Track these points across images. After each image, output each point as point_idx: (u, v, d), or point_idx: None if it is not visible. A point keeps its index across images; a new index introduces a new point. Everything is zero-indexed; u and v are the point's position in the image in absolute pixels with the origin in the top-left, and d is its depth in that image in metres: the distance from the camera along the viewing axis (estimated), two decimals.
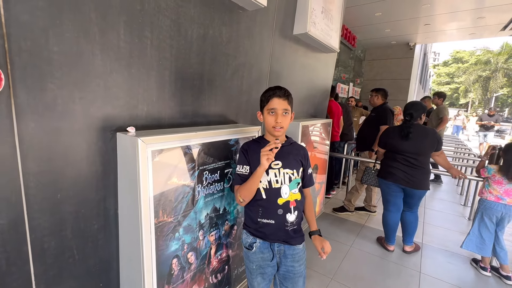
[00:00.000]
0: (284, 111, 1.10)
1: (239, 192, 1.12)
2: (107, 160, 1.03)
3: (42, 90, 0.82)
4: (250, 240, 1.18)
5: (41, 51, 0.80)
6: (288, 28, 2.00)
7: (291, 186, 1.13)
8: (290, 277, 1.18)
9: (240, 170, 1.15)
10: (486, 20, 5.09)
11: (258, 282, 1.21)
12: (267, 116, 1.12)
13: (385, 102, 3.05)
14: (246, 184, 1.09)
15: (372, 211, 3.26)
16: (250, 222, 1.19)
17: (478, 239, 2.14)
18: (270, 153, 1.00)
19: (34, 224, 0.86)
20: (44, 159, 0.86)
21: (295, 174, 1.14)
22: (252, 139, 1.25)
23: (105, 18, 0.93)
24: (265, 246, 1.16)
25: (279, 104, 1.09)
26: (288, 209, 1.13)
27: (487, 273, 2.15)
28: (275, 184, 1.12)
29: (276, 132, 1.11)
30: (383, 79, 7.67)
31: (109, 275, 1.13)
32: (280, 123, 1.09)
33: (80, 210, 0.99)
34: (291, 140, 1.22)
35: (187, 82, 1.30)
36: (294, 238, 1.16)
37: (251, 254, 1.18)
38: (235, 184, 1.17)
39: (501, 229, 2.09)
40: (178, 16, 1.18)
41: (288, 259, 1.17)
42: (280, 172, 1.12)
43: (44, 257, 0.90)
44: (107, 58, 0.96)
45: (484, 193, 2.14)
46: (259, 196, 1.13)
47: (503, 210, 2.03)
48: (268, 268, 1.19)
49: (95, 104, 0.96)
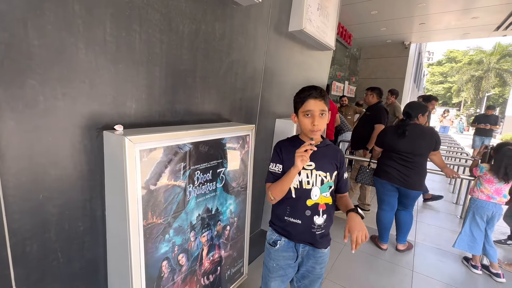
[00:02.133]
0: (321, 112, 1.05)
1: (270, 190, 1.10)
2: (93, 159, 0.99)
3: (22, 86, 0.77)
4: (274, 237, 1.16)
5: (20, 44, 0.75)
6: (283, 25, 1.96)
7: (322, 189, 1.10)
8: (309, 276, 1.17)
9: (273, 169, 1.13)
10: (479, 20, 5.13)
11: (275, 286, 1.18)
12: (303, 118, 1.07)
13: (380, 101, 3.05)
14: (278, 183, 1.08)
15: (366, 210, 3.27)
16: (276, 220, 1.17)
17: (470, 238, 2.16)
18: (305, 154, 0.97)
19: (14, 226, 0.82)
20: (25, 158, 0.81)
21: (327, 177, 1.10)
22: (287, 138, 1.21)
23: (90, 10, 0.88)
24: (289, 246, 1.15)
25: (316, 105, 1.04)
26: (316, 211, 1.10)
27: (477, 271, 2.17)
28: (306, 185, 1.09)
29: (314, 134, 1.07)
30: (378, 77, 7.70)
31: (97, 278, 1.09)
32: (318, 126, 1.04)
33: (65, 212, 0.94)
34: (327, 142, 1.17)
35: (178, 79, 1.25)
36: (320, 241, 1.13)
37: (273, 251, 1.16)
38: (267, 182, 1.15)
39: (490, 227, 2.12)
40: (168, 10, 1.13)
41: (311, 260, 1.15)
42: (313, 174, 1.09)
43: (25, 261, 0.86)
44: (93, 53, 0.91)
45: (475, 192, 2.16)
46: (288, 195, 1.10)
47: (494, 209, 2.06)
48: (289, 269, 1.16)
49: (79, 101, 0.91)
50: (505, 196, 2.06)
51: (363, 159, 2.96)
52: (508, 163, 1.96)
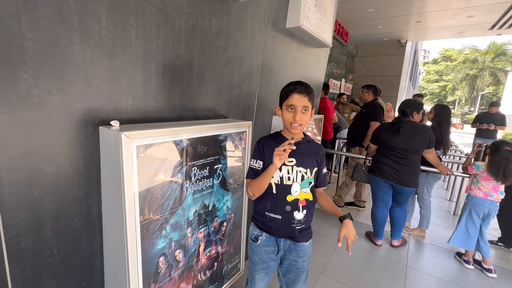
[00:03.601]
0: (304, 108, 1.06)
1: (249, 186, 1.12)
2: (89, 155, 0.98)
3: (15, 80, 0.76)
4: (256, 232, 1.19)
5: (12, 37, 0.74)
6: (280, 21, 1.96)
7: (303, 185, 1.12)
8: (293, 270, 1.19)
9: (253, 165, 1.14)
10: (475, 19, 5.17)
11: (260, 278, 1.21)
12: (286, 112, 1.08)
13: (376, 98, 3.07)
14: (257, 180, 1.09)
15: (362, 206, 3.30)
16: (257, 215, 1.19)
17: (465, 234, 2.19)
18: (283, 153, 0.97)
19: (9, 222, 0.81)
20: (19, 154, 0.80)
21: (308, 173, 1.12)
22: (269, 134, 1.22)
23: (85, 4, 0.87)
24: (270, 240, 1.17)
25: (299, 100, 1.05)
26: (296, 207, 1.11)
27: (470, 266, 2.22)
28: (287, 181, 1.10)
29: (293, 129, 1.07)
30: (374, 75, 7.73)
31: (93, 274, 1.09)
32: (299, 121, 1.05)
33: (61, 208, 0.94)
34: (309, 138, 1.19)
35: (175, 75, 1.25)
36: (300, 235, 1.15)
37: (255, 247, 1.19)
38: (248, 177, 1.17)
39: (485, 224, 2.16)
40: (165, 5, 1.12)
41: (292, 253, 1.17)
42: (293, 170, 1.10)
43: (21, 257, 0.86)
44: (88, 47, 0.90)
45: (472, 189, 2.18)
46: (269, 190, 1.12)
47: (490, 206, 2.09)
48: (271, 262, 1.19)
49: (74, 96, 0.90)
50: (502, 193, 2.08)
51: (358, 156, 2.99)
52: (507, 165, 1.97)
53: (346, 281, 1.95)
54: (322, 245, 2.40)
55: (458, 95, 27.95)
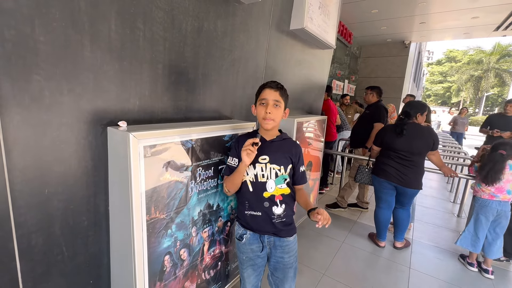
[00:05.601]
0: (275, 103, 1.10)
1: (225, 183, 1.18)
2: (97, 155, 1.01)
3: (28, 82, 0.78)
4: (241, 231, 1.22)
5: (26, 40, 0.76)
6: (284, 23, 1.97)
7: (277, 181, 1.14)
8: (280, 267, 1.20)
9: (230, 162, 1.19)
10: (479, 20, 5.14)
11: (248, 274, 1.23)
12: (259, 107, 1.13)
13: (380, 100, 3.07)
14: (231, 177, 1.15)
15: (364, 208, 3.30)
16: (240, 214, 1.23)
17: (473, 237, 2.15)
18: (250, 148, 1.02)
19: (20, 220, 0.84)
20: (31, 154, 0.83)
21: (282, 170, 1.14)
22: (247, 133, 1.26)
23: (95, 7, 0.89)
24: (254, 238, 1.19)
25: (270, 94, 1.10)
26: (274, 202, 1.14)
27: (474, 269, 2.20)
28: (261, 178, 1.13)
29: (265, 123, 1.11)
30: (377, 76, 7.70)
31: (100, 272, 1.11)
32: (270, 114, 1.09)
33: (69, 206, 0.96)
34: (285, 136, 1.22)
35: (181, 76, 1.27)
36: (283, 230, 1.17)
37: (241, 245, 1.22)
38: (224, 174, 1.22)
39: (498, 224, 2.06)
40: (172, 8, 1.14)
41: (278, 250, 1.19)
42: (267, 167, 1.13)
43: (31, 254, 0.88)
44: (98, 50, 0.92)
45: (477, 191, 2.14)
46: (246, 189, 1.16)
47: (498, 207, 2.02)
48: (258, 259, 1.21)
49: (84, 97, 0.92)
50: (508, 192, 2.01)
51: (361, 158, 2.99)
52: (492, 167, 1.94)
53: (349, 282, 1.95)
54: (324, 246, 2.40)
55: (462, 96, 27.72)
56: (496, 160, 1.95)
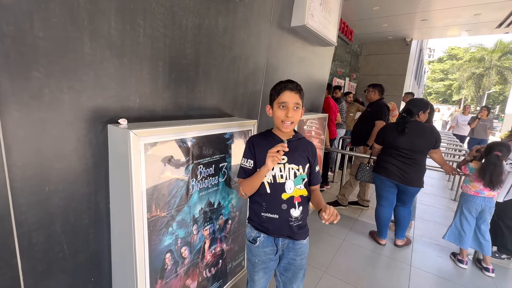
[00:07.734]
0: (296, 106, 1.07)
1: (241, 186, 1.12)
2: (98, 152, 1.00)
3: (27, 79, 0.77)
4: (254, 234, 1.17)
5: (25, 37, 0.75)
6: (285, 20, 1.96)
7: (296, 181, 1.12)
8: (291, 268, 1.19)
9: (244, 164, 1.13)
10: (481, 17, 5.10)
11: (259, 277, 1.20)
12: (277, 110, 1.08)
13: (381, 98, 3.05)
14: (249, 180, 1.09)
15: (365, 206, 3.30)
16: (254, 216, 1.18)
17: (459, 231, 2.20)
18: (276, 154, 0.98)
19: (21, 218, 0.83)
20: (31, 151, 0.82)
21: (300, 170, 1.12)
22: (260, 133, 1.21)
23: (95, 3, 0.88)
24: (269, 241, 1.16)
25: (291, 97, 1.06)
26: (292, 204, 1.11)
27: (463, 266, 2.21)
28: (280, 179, 1.10)
29: (284, 127, 1.08)
30: (379, 74, 7.67)
31: (101, 270, 1.11)
32: (291, 118, 1.06)
33: (70, 204, 0.96)
34: (300, 135, 1.19)
35: (181, 74, 1.26)
36: (298, 233, 1.15)
37: (254, 248, 1.17)
38: (239, 176, 1.16)
39: (483, 221, 2.13)
40: (172, 4, 1.13)
41: (291, 252, 1.17)
42: (285, 167, 1.10)
43: (32, 251, 0.88)
44: (97, 46, 0.91)
45: (465, 188, 2.18)
46: (263, 190, 1.11)
47: (482, 203, 2.08)
48: (271, 262, 1.19)
49: (84, 94, 0.91)
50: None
51: (363, 156, 2.98)
52: (493, 171, 1.93)
53: (350, 280, 1.95)
54: (326, 244, 2.41)
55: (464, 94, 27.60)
56: (494, 162, 1.95)
